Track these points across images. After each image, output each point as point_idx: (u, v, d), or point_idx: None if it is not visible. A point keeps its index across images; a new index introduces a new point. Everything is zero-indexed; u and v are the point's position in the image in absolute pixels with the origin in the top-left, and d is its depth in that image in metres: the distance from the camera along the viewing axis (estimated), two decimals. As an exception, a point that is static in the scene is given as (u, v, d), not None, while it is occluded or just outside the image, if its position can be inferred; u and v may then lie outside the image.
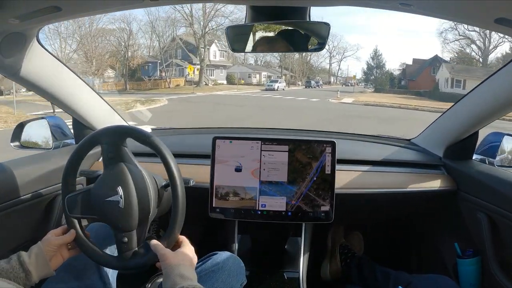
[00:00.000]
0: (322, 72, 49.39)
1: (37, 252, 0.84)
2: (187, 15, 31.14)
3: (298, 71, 43.72)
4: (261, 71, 39.92)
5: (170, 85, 30.45)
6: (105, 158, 0.91)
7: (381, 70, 42.94)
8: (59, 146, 1.39)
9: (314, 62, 47.95)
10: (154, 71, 32.85)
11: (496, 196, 1.15)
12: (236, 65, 39.11)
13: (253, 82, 37.45)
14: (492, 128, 1.36)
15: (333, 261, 1.53)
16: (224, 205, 1.22)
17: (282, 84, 32.48)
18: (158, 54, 33.39)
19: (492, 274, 1.14)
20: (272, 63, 44.52)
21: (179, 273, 0.77)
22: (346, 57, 50.34)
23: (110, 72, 31.23)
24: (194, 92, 24.51)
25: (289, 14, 0.91)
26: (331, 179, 1.21)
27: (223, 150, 1.22)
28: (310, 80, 41.24)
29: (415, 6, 0.75)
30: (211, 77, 34.46)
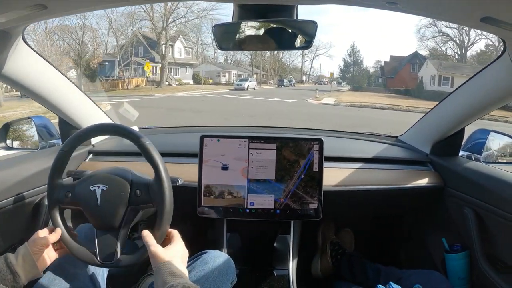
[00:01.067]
0: (294, 71, 48.03)
1: (24, 253, 0.83)
2: (146, 6, 26.77)
3: (269, 69, 41.54)
4: (230, 70, 37.31)
5: (129, 86, 27.15)
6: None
7: (358, 67, 41.19)
8: (46, 146, 1.38)
9: (286, 61, 46.59)
10: (111, 70, 29.74)
11: (483, 192, 1.17)
12: (204, 63, 36.74)
13: (222, 81, 34.88)
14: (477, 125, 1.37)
15: (324, 257, 1.54)
16: (212, 204, 1.21)
17: (253, 83, 29.83)
18: (115, 51, 30.14)
19: (480, 267, 1.16)
20: (242, 61, 43.15)
21: (170, 270, 0.77)
22: (318, 55, 48.57)
23: (74, 73, 28.98)
24: (152, 94, 22.10)
25: (277, 12, 0.90)
26: (319, 177, 1.21)
27: (211, 148, 1.22)
28: (283, 78, 39.14)
29: (401, 5, 0.75)
30: (176, 76, 31.56)
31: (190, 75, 33.39)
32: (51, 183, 0.93)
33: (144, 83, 27.75)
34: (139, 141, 0.89)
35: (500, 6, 0.63)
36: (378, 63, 40.75)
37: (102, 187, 0.89)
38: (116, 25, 29.85)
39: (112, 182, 0.90)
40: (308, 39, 0.95)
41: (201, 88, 26.91)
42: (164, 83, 27.77)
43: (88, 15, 27.60)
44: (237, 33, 0.95)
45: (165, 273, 0.76)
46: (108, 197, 0.89)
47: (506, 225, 1.07)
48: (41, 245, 0.86)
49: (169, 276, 0.75)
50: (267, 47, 1.01)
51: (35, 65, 1.12)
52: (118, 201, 0.89)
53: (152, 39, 29.40)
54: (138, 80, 28.29)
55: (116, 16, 29.50)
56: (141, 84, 27.66)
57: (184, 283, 0.72)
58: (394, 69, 33.03)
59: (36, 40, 25.13)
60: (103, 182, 0.89)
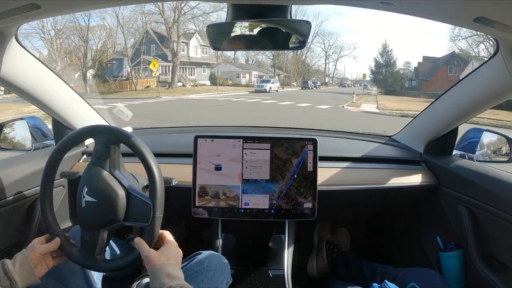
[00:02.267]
0: (317, 73, 46.12)
1: (21, 260, 0.83)
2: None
3: (293, 70, 40.00)
4: (251, 71, 35.41)
5: (138, 86, 25.32)
6: (93, 157, 0.90)
7: (391, 69, 37.18)
8: (39, 147, 1.37)
9: (310, 61, 44.76)
10: (119, 70, 27.47)
11: (476, 190, 1.18)
12: (223, 63, 35.06)
13: (241, 82, 33.01)
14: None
15: (320, 257, 1.54)
16: (207, 204, 1.21)
17: (275, 84, 27.10)
18: (124, 49, 27.83)
19: (474, 265, 1.17)
20: (264, 62, 41.58)
21: (166, 272, 0.76)
22: (342, 57, 46.91)
23: (91, 72, 28.20)
24: (159, 96, 20.29)
25: (271, 12, 0.90)
26: (314, 176, 1.22)
27: (205, 149, 1.22)
28: (307, 80, 36.49)
29: (395, 5, 0.76)
30: (191, 76, 29.31)
31: (207, 76, 31.20)
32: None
33: (155, 83, 25.56)
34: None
35: (493, 6, 0.64)
36: (407, 64, 38.41)
37: (90, 199, 0.87)
38: (124, 19, 27.95)
39: (102, 197, 0.88)
40: (302, 39, 0.95)
41: (216, 90, 24.94)
42: (176, 84, 25.93)
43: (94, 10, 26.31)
44: (231, 33, 0.95)
45: (162, 275, 0.76)
46: (94, 208, 0.87)
47: (500, 223, 1.08)
48: (39, 253, 0.85)
49: (166, 277, 0.75)
50: (261, 47, 1.01)
51: (29, 65, 1.11)
52: (103, 216, 0.87)
53: (164, 35, 27.19)
54: (148, 80, 26.33)
55: (125, 11, 28.07)
56: (152, 85, 25.72)
57: (182, 285, 0.73)
58: (429, 71, 30.84)
59: (45, 38, 24.94)
60: (92, 196, 0.88)
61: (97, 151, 0.89)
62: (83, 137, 0.98)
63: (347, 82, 43.48)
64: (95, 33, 28.28)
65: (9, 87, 1.10)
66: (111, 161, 0.89)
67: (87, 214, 0.88)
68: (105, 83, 27.00)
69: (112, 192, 0.86)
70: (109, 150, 0.89)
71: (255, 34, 0.95)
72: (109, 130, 0.91)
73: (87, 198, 0.88)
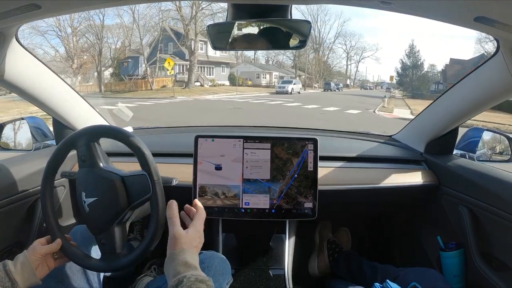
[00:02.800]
0: (338, 74, 44.37)
1: (23, 261, 0.83)
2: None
3: (314, 71, 38.56)
4: (272, 71, 33.98)
5: (153, 86, 24.42)
6: (79, 161, 0.93)
7: (418, 71, 35.85)
8: (40, 147, 1.37)
9: (331, 62, 43.31)
10: (135, 68, 26.65)
11: (477, 190, 1.18)
12: (243, 63, 33.94)
13: (262, 83, 31.51)
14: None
15: (321, 256, 1.54)
16: (207, 204, 1.21)
17: (298, 85, 25.70)
18: (140, 47, 26.82)
19: (475, 265, 1.17)
20: (284, 63, 40.33)
21: (184, 260, 0.74)
22: (364, 58, 45.78)
23: (110, 71, 27.62)
24: (174, 96, 19.46)
25: (271, 12, 0.90)
26: (314, 176, 1.22)
27: (206, 148, 1.22)
28: (330, 82, 34.84)
29: (395, 5, 0.76)
30: (210, 76, 27.91)
31: (226, 76, 29.96)
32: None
33: (171, 83, 24.61)
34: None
35: (493, 5, 0.64)
36: (432, 67, 36.78)
37: (91, 200, 0.89)
38: (139, 16, 26.87)
39: (100, 193, 0.90)
40: (302, 38, 0.95)
41: (235, 91, 23.62)
42: (194, 84, 24.53)
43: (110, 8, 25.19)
44: (231, 32, 0.95)
45: (178, 262, 0.74)
46: (97, 207, 0.89)
47: (501, 223, 1.08)
48: (40, 254, 0.86)
49: (183, 266, 0.73)
50: (261, 47, 1.01)
51: (29, 65, 1.11)
52: (109, 211, 0.89)
53: (182, 33, 25.77)
54: (165, 80, 25.27)
55: (141, 8, 26.38)
56: (168, 84, 24.64)
57: (197, 275, 0.71)
58: (457, 73, 28.44)
59: (62, 36, 24.66)
60: (92, 196, 0.89)
61: (80, 154, 0.92)
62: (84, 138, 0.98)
63: (368, 84, 42.28)
64: (114, 32, 27.87)
65: (9, 87, 1.10)
66: (96, 158, 0.91)
67: (94, 216, 0.90)
68: (121, 82, 26.32)
69: (108, 182, 0.88)
70: (90, 149, 0.91)
71: (255, 33, 0.95)
72: (83, 132, 0.93)
73: (88, 201, 0.89)
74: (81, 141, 0.92)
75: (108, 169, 0.91)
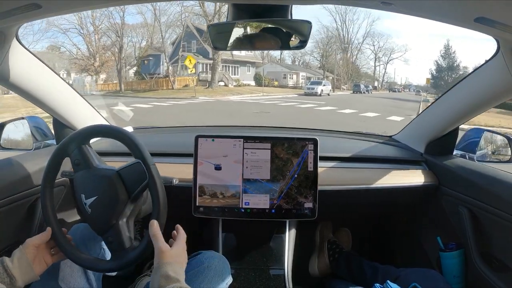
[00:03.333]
0: (365, 76, 42.77)
1: (19, 256, 0.84)
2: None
3: (342, 72, 36.78)
4: (299, 71, 32.59)
5: (175, 85, 23.31)
6: (73, 166, 0.94)
7: (454, 73, 33.27)
8: (40, 146, 1.37)
9: (359, 63, 41.71)
10: (156, 66, 25.69)
11: (477, 190, 1.18)
12: (269, 63, 32.20)
13: (288, 84, 30.08)
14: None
15: (321, 256, 1.54)
16: (207, 204, 1.21)
17: (327, 87, 24.14)
18: (161, 45, 25.72)
19: (475, 266, 1.17)
20: (311, 64, 39.02)
21: (165, 273, 0.76)
22: (393, 60, 43.34)
23: (133, 70, 27.15)
24: (195, 96, 18.37)
25: (271, 12, 0.90)
26: (314, 176, 1.22)
27: (206, 148, 1.22)
28: (359, 83, 32.34)
29: (396, 5, 0.76)
30: (234, 76, 26.69)
31: (251, 75, 28.66)
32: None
33: (195, 82, 23.51)
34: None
35: (493, 6, 0.64)
36: (464, 69, 33.98)
37: (91, 200, 0.90)
38: (161, 12, 25.55)
39: (99, 191, 0.90)
40: (303, 38, 0.95)
41: (261, 91, 22.30)
42: (217, 83, 23.31)
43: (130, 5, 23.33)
44: (232, 32, 0.95)
45: (161, 275, 0.76)
46: (98, 205, 0.90)
47: (501, 224, 1.08)
48: (33, 245, 0.87)
49: (164, 279, 0.75)
50: (262, 47, 1.01)
51: (29, 65, 1.11)
52: (110, 207, 0.90)
53: (205, 30, 23.60)
54: (187, 79, 24.24)
55: (161, 4, 26.19)
56: (191, 83, 23.52)
57: (178, 287, 0.73)
58: None
59: (84, 34, 24.54)
60: (91, 195, 0.90)
61: (74, 159, 0.93)
62: (86, 138, 0.99)
63: (396, 86, 40.91)
64: (138, 31, 27.51)
65: (9, 86, 1.11)
66: (89, 159, 0.93)
67: (96, 215, 0.90)
68: (142, 80, 25.72)
69: (104, 179, 0.89)
70: (82, 151, 0.93)
71: (256, 33, 0.96)
72: (73, 136, 0.94)
73: (89, 201, 0.90)
74: (72, 146, 0.93)
75: (102, 167, 0.93)
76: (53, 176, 0.95)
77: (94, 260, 0.92)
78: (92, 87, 24.11)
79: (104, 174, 0.90)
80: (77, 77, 25.27)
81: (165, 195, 0.89)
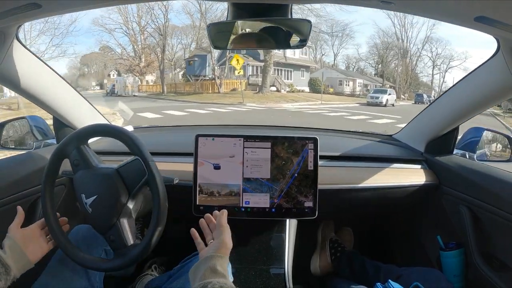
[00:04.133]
0: (422, 84, 39.78)
1: (10, 244, 0.85)
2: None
3: (401, 81, 33.52)
4: (355, 78, 29.68)
5: (221, 88, 21.48)
6: (72, 166, 0.95)
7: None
8: (40, 146, 1.37)
9: (418, 71, 38.30)
10: (201, 68, 24.13)
11: (477, 190, 1.18)
12: (324, 68, 29.14)
13: (345, 91, 27.34)
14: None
15: (323, 255, 1.54)
16: (208, 203, 1.21)
17: (392, 96, 21.83)
18: (207, 45, 23.08)
19: (475, 265, 1.17)
20: (365, 70, 36.77)
21: (212, 266, 0.76)
22: (452, 68, 39.30)
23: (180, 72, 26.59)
24: (243, 102, 16.43)
25: (271, 11, 0.90)
26: (314, 175, 1.21)
27: (206, 147, 1.22)
28: (422, 93, 29.15)
29: (396, 4, 0.76)
30: (287, 80, 24.31)
31: (305, 81, 26.12)
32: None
33: (243, 86, 21.11)
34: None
35: (493, 5, 0.63)
36: None
37: (92, 199, 0.91)
38: (206, 8, 23.62)
39: (100, 189, 0.91)
40: (303, 38, 0.95)
41: (318, 99, 20.08)
42: (269, 88, 21.01)
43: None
44: (231, 32, 0.95)
45: (206, 268, 0.76)
46: (99, 204, 0.91)
47: (501, 223, 1.08)
48: (15, 227, 0.89)
49: (210, 272, 0.75)
50: (262, 46, 1.01)
51: (30, 64, 1.11)
52: (111, 205, 0.90)
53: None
54: (235, 82, 22.24)
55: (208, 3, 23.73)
56: (238, 87, 21.31)
57: (223, 284, 0.71)
58: None
59: (130, 34, 24.43)
60: (91, 195, 0.91)
61: (73, 159, 0.94)
62: (86, 137, 0.99)
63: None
64: (188, 33, 27.13)
65: (10, 86, 1.11)
66: (88, 158, 0.93)
67: (97, 214, 0.91)
68: (187, 82, 24.72)
69: (104, 178, 0.90)
70: (80, 151, 0.93)
71: (256, 33, 0.96)
72: (70, 138, 0.95)
73: (89, 201, 0.90)
74: (71, 147, 0.94)
75: (102, 166, 0.93)
76: (53, 176, 0.96)
77: (96, 260, 0.92)
78: (134, 88, 23.53)
79: (104, 172, 0.91)
80: (119, 78, 25.09)
81: (165, 190, 0.89)
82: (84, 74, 34.23)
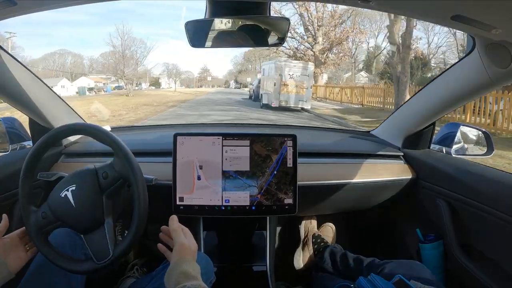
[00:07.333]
0: None
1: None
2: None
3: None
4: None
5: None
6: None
7: None
8: (16, 148, 1.33)
9: None
10: None
11: (454, 183, 1.21)
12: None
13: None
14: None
15: (306, 250, 1.56)
16: (187, 203, 1.21)
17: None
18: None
19: (454, 256, 1.20)
20: None
21: (185, 270, 0.76)
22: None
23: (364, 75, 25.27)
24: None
25: (250, 9, 0.90)
26: (293, 172, 1.22)
27: (185, 146, 1.21)
28: None
29: (374, 3, 0.76)
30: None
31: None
32: (23, 187, 0.91)
33: None
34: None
35: (469, 4, 0.65)
36: None
37: (71, 188, 0.89)
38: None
39: (78, 179, 0.90)
40: (281, 35, 0.95)
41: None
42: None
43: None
44: (209, 30, 0.95)
45: (181, 272, 0.76)
46: (80, 195, 0.88)
47: (478, 214, 1.11)
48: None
49: (184, 276, 0.75)
50: (240, 44, 1.00)
51: (3, 63, 1.08)
52: (92, 195, 0.89)
53: None
54: None
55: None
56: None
57: (197, 285, 0.72)
58: None
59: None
60: (69, 184, 0.89)
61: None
62: (61, 136, 0.98)
63: None
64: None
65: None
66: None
67: (80, 208, 0.88)
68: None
69: (82, 171, 0.91)
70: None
71: (234, 31, 0.95)
72: (46, 138, 0.94)
73: (70, 190, 0.89)
74: (46, 148, 0.94)
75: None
76: (30, 179, 0.93)
77: (75, 261, 0.90)
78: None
79: (83, 168, 0.91)
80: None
81: (146, 190, 0.88)
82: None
